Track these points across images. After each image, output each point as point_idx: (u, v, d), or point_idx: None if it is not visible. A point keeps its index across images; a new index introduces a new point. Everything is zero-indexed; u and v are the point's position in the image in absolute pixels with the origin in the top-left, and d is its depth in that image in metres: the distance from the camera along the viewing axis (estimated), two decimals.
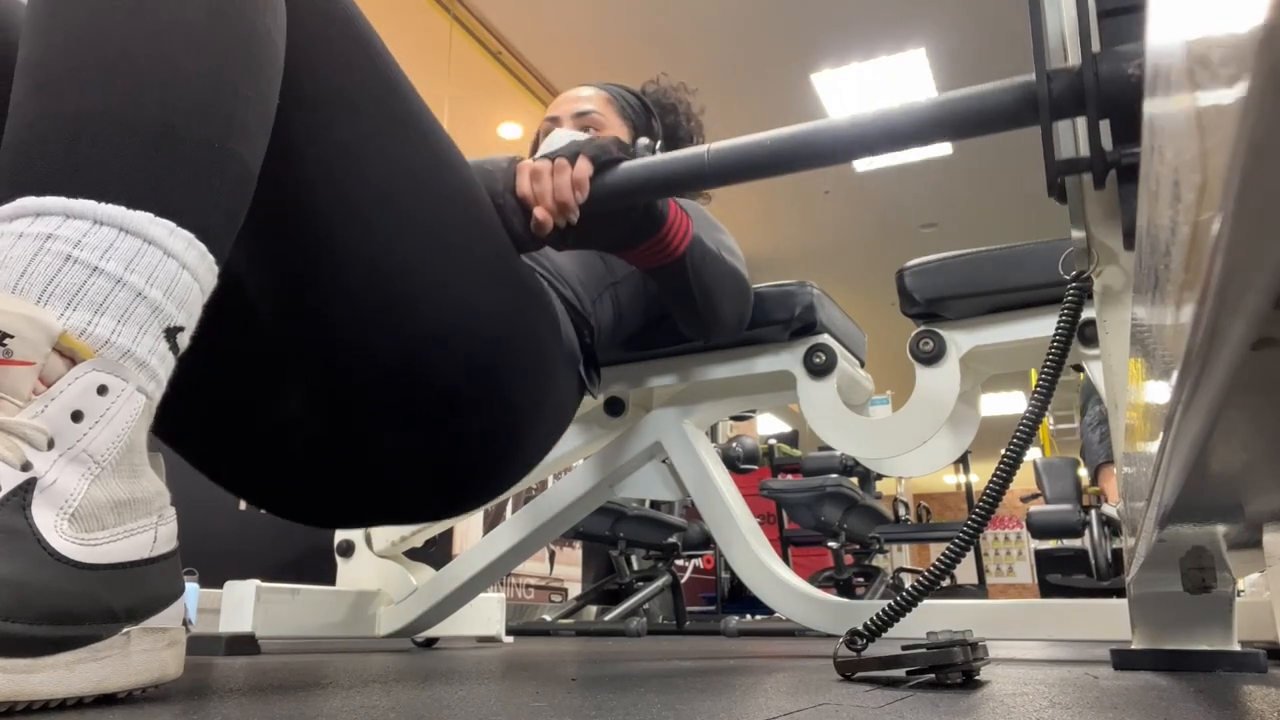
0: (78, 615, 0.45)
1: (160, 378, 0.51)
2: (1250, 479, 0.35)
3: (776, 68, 4.63)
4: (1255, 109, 0.14)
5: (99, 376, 0.47)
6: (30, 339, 0.45)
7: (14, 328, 0.44)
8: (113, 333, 0.48)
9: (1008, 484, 0.82)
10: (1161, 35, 0.28)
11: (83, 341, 0.47)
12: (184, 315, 0.52)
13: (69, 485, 0.46)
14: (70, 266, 0.47)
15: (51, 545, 0.45)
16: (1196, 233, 0.20)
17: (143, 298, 0.49)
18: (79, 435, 0.47)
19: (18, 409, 0.45)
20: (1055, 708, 0.50)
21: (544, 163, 0.90)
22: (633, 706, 0.48)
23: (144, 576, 0.50)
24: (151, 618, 0.50)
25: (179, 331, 0.52)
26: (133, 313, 0.48)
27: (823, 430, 1.38)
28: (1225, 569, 0.77)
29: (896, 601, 0.81)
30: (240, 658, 1.24)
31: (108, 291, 0.47)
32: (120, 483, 0.49)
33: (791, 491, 3.97)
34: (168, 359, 0.51)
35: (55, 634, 0.44)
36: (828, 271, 6.84)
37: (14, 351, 0.45)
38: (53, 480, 0.46)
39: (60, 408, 0.46)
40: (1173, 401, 0.27)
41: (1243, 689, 0.64)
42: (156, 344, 0.50)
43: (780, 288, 1.41)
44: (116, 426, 0.48)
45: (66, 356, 0.47)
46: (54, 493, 0.46)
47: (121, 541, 0.49)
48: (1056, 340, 0.85)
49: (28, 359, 0.45)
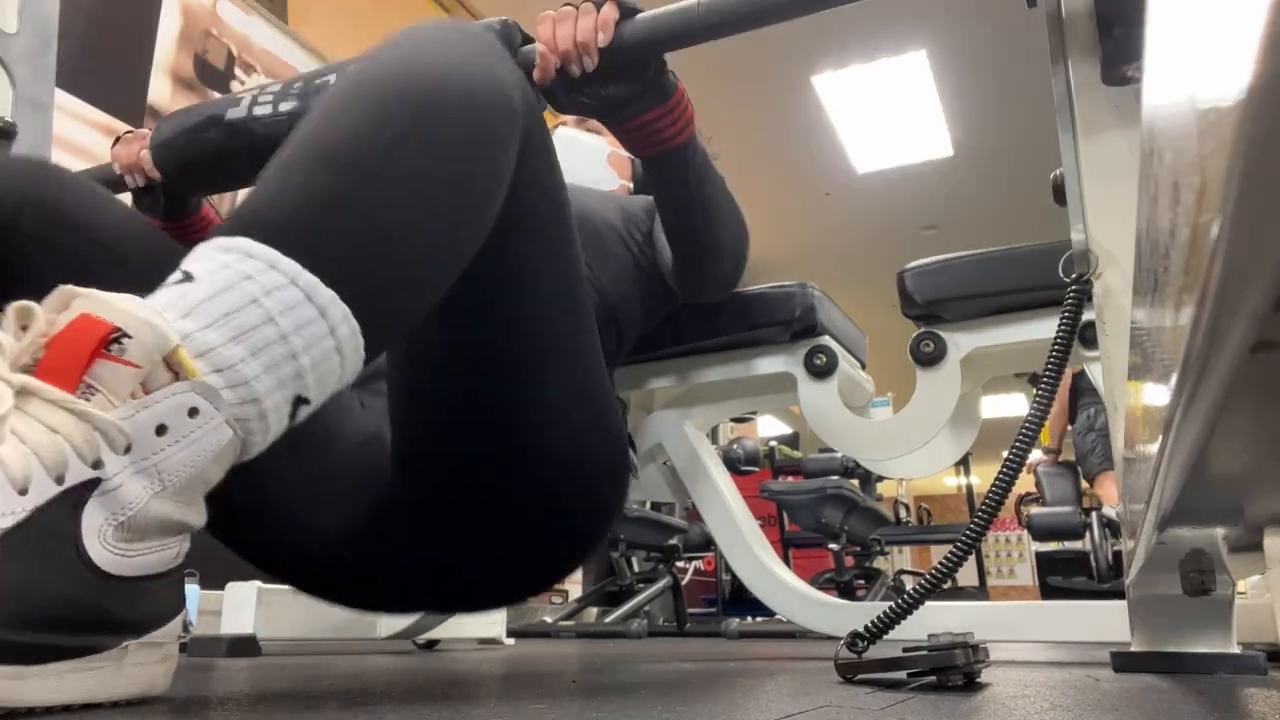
0: (83, 625, 0.45)
1: (269, 434, 0.52)
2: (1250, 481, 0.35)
3: (777, 70, 4.63)
4: (1255, 111, 0.14)
5: (193, 398, 0.48)
6: (145, 344, 0.46)
7: (134, 329, 0.46)
8: (254, 377, 0.49)
9: (1011, 486, 0.82)
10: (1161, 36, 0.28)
11: (213, 366, 0.48)
12: (316, 391, 0.53)
13: (130, 494, 0.47)
14: (251, 308, 0.49)
15: (87, 551, 0.45)
16: (1196, 235, 0.20)
17: (294, 359, 0.51)
18: (157, 449, 0.48)
19: (111, 407, 0.46)
20: (1056, 710, 0.50)
21: (567, 9, 0.89)
22: (634, 709, 0.48)
23: (155, 590, 0.50)
24: (152, 632, 0.50)
25: (304, 404, 0.53)
26: (280, 368, 0.50)
27: (823, 432, 1.38)
28: (1225, 571, 0.76)
29: (898, 604, 0.81)
30: (241, 659, 1.24)
31: (270, 341, 0.49)
32: (175, 505, 0.49)
33: (792, 493, 3.97)
34: (283, 423, 0.52)
35: (55, 642, 0.44)
36: (828, 273, 6.84)
37: (127, 351, 0.46)
38: (117, 485, 0.46)
39: (149, 417, 0.47)
40: (1172, 404, 0.27)
41: (1243, 691, 0.64)
42: (282, 404, 0.51)
43: (781, 289, 1.41)
44: (194, 451, 0.49)
45: (173, 371, 0.48)
46: (114, 498, 0.46)
47: (150, 555, 0.49)
48: (1058, 343, 0.85)
49: (136, 362, 0.46)
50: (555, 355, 0.83)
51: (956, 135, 5.30)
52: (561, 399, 0.84)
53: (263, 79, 3.05)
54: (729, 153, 5.56)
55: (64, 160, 2.13)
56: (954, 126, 5.20)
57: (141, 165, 1.00)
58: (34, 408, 0.45)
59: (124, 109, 2.53)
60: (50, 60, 1.48)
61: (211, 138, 0.91)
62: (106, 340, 0.46)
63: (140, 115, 2.59)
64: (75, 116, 2.37)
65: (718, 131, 5.47)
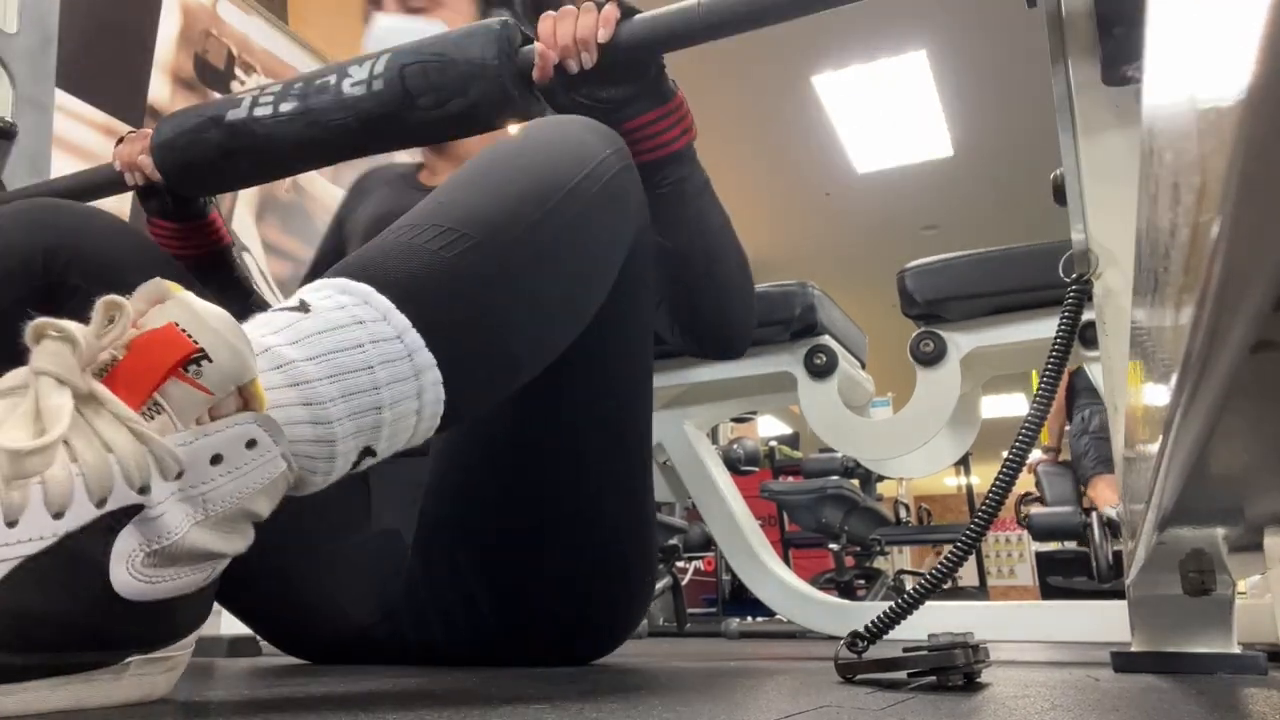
0: (93, 645, 0.44)
1: (331, 476, 0.51)
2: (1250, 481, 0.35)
3: (777, 70, 4.63)
4: (1255, 111, 0.14)
5: (254, 430, 0.46)
6: (224, 371, 0.45)
7: (216, 353, 0.44)
8: (338, 419, 0.49)
9: (1011, 487, 0.82)
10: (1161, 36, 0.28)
11: (304, 399, 0.48)
12: (386, 446, 0.53)
13: (171, 522, 0.45)
14: (355, 351, 0.49)
15: (111, 578, 0.44)
16: (1196, 235, 0.20)
17: (379, 412, 0.50)
18: (208, 478, 0.46)
19: (173, 430, 0.45)
20: (1056, 710, 0.50)
21: (569, 7, 0.89)
22: (634, 708, 0.48)
23: (175, 610, 0.48)
24: (162, 648, 0.48)
25: (371, 455, 0.52)
26: (364, 416, 0.50)
27: (823, 432, 1.38)
28: (1225, 571, 0.76)
29: (898, 604, 0.81)
30: (241, 659, 1.24)
31: (363, 388, 0.50)
32: (215, 535, 0.47)
33: (792, 493, 3.97)
34: (347, 468, 0.52)
35: (61, 662, 0.43)
36: (829, 273, 6.84)
37: (204, 375, 0.44)
38: (160, 514, 0.45)
39: (208, 446, 0.45)
40: (1172, 404, 0.27)
41: (1243, 691, 0.64)
42: (353, 451, 0.51)
43: (781, 288, 1.41)
44: (244, 482, 0.47)
45: (243, 399, 0.47)
46: (153, 525, 0.44)
47: (176, 581, 0.47)
48: (1058, 343, 0.85)
49: (210, 389, 0.45)
50: (605, 451, 0.87)
51: (956, 135, 5.30)
52: (604, 497, 0.88)
53: (263, 79, 3.05)
54: (729, 153, 5.56)
55: (64, 160, 2.13)
56: (954, 126, 5.20)
57: (143, 166, 1.00)
58: (97, 421, 0.43)
59: (124, 109, 2.53)
60: (50, 60, 1.48)
61: (212, 139, 0.91)
62: (186, 360, 0.44)
63: (140, 115, 2.59)
64: (75, 116, 2.37)
65: (718, 131, 5.46)
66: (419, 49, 0.84)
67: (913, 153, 5.49)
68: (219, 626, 1.42)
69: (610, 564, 0.90)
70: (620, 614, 0.95)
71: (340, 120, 0.85)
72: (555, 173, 0.62)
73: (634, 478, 0.92)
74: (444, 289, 0.54)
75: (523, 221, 0.58)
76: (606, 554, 0.89)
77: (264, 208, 3.01)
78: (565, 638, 0.91)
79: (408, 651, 0.91)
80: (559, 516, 0.86)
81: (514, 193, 0.59)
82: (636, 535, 0.92)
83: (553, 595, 0.88)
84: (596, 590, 0.90)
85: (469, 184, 0.60)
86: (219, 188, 1.06)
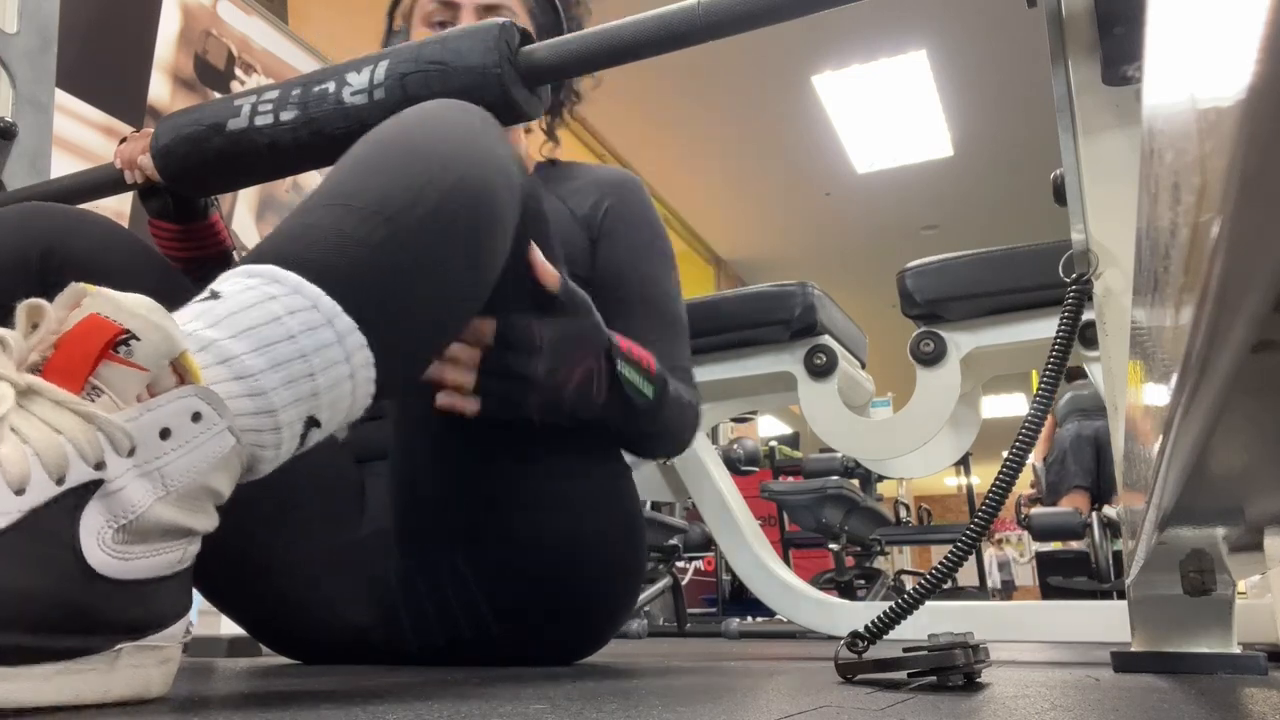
0: (73, 627, 0.45)
1: (281, 451, 0.52)
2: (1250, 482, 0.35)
3: (777, 70, 4.63)
4: (1255, 111, 0.14)
5: (197, 403, 0.48)
6: (153, 347, 0.46)
7: (142, 332, 0.46)
8: (273, 389, 0.50)
9: (1011, 487, 0.82)
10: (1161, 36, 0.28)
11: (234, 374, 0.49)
12: (328, 416, 0.54)
13: (133, 497, 0.46)
14: (274, 324, 0.51)
15: (84, 554, 0.45)
16: (1196, 235, 0.20)
17: (312, 379, 0.52)
18: (160, 452, 0.47)
19: (116, 409, 0.46)
20: (1056, 710, 0.50)
21: None
22: (634, 708, 0.48)
23: (156, 593, 0.49)
24: (150, 635, 0.49)
25: (316, 426, 0.54)
26: (298, 385, 0.51)
27: (824, 432, 1.38)
28: (1225, 571, 0.76)
29: (898, 603, 0.81)
30: (241, 659, 1.24)
31: (290, 357, 0.51)
32: (179, 510, 0.48)
33: (792, 493, 3.97)
34: (295, 441, 0.53)
35: (41, 644, 0.43)
36: (829, 273, 6.84)
37: (134, 353, 0.46)
38: (120, 488, 0.46)
39: (153, 420, 0.47)
40: (1172, 404, 0.27)
41: (1243, 691, 0.64)
42: (296, 421, 0.52)
43: (781, 288, 1.41)
44: (197, 456, 0.48)
45: (179, 375, 0.48)
46: (116, 500, 0.46)
47: (151, 559, 0.48)
48: (1058, 343, 0.85)
49: (143, 365, 0.46)
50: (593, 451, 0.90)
51: (956, 135, 5.30)
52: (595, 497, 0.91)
53: (263, 79, 3.05)
54: (729, 153, 5.57)
55: (64, 160, 2.13)
56: (954, 126, 5.20)
57: (144, 167, 1.00)
58: (38, 408, 0.45)
59: (124, 109, 2.53)
60: (50, 60, 1.48)
61: (213, 146, 0.91)
62: (115, 342, 0.45)
63: (140, 115, 2.59)
64: (75, 116, 2.38)
65: (718, 131, 5.47)
66: (418, 56, 0.84)
67: (913, 153, 5.49)
68: (218, 626, 1.42)
69: (602, 563, 0.91)
70: (613, 612, 0.96)
71: (342, 128, 0.86)
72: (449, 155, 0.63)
73: (620, 477, 0.94)
74: (347, 259, 0.55)
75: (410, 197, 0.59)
76: (599, 553, 0.90)
77: (264, 208, 3.01)
78: (560, 637, 0.92)
79: (407, 653, 0.91)
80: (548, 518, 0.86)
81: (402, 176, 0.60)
82: (628, 536, 0.93)
83: (549, 595, 0.88)
84: (590, 589, 0.90)
85: (356, 170, 0.62)
86: (220, 189, 1.06)
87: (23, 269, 0.85)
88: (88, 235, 0.90)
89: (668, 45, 0.85)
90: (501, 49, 0.83)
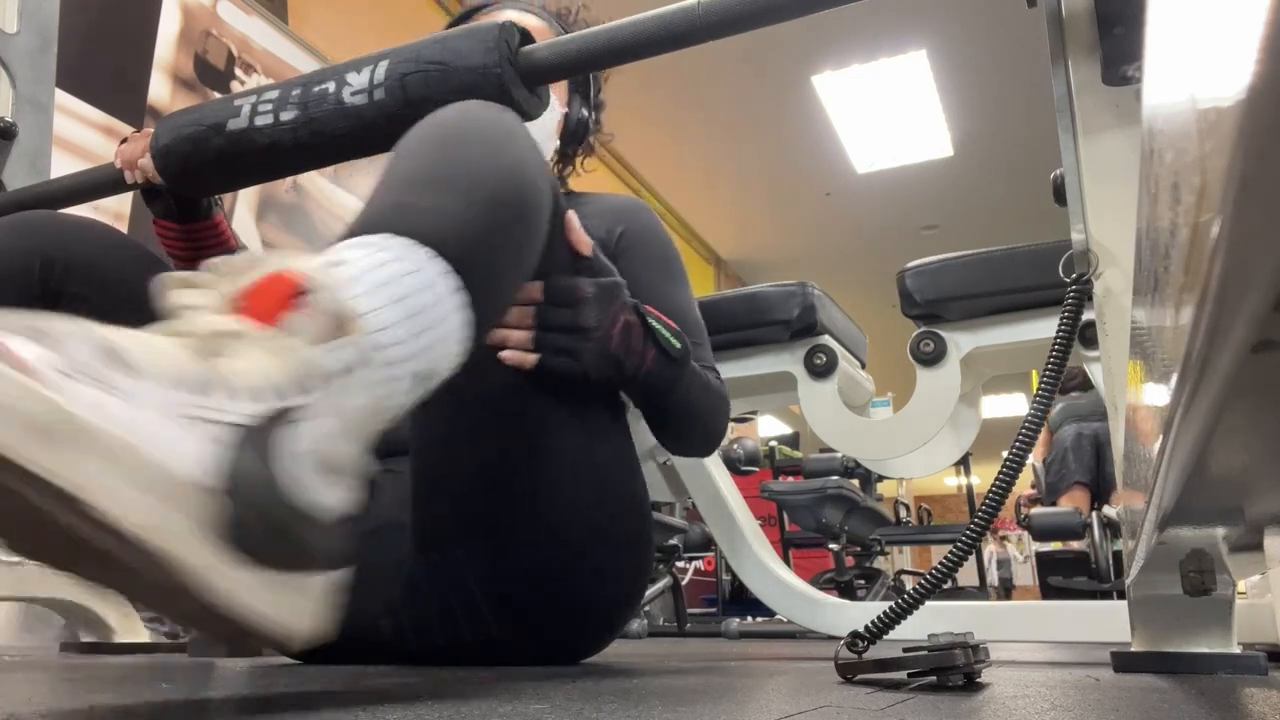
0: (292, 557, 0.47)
1: (406, 401, 0.56)
2: (1250, 482, 0.35)
3: (777, 70, 4.63)
4: (1255, 111, 0.14)
5: (361, 353, 0.52)
6: (327, 300, 0.50)
7: (317, 287, 0.50)
8: (401, 341, 0.54)
9: (1011, 487, 0.82)
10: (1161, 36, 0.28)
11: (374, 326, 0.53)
12: (441, 369, 0.59)
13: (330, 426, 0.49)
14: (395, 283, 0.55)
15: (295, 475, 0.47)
16: (1196, 235, 0.20)
17: (431, 332, 0.56)
18: (337, 392, 0.50)
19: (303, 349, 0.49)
20: (1056, 710, 0.50)
21: None
22: (634, 708, 0.48)
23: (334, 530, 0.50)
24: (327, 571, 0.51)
25: (427, 381, 0.58)
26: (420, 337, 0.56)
27: (824, 432, 1.38)
28: (1225, 571, 0.76)
29: (898, 603, 0.81)
30: (241, 660, 1.24)
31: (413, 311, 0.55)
32: (353, 446, 0.51)
33: (792, 493, 3.97)
34: (415, 394, 0.56)
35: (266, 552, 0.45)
36: (829, 272, 6.84)
37: (312, 305, 0.50)
38: (318, 415, 0.49)
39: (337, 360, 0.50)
40: (1172, 404, 0.27)
41: (1243, 691, 0.64)
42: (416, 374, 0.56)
43: (781, 288, 1.41)
44: (362, 400, 0.52)
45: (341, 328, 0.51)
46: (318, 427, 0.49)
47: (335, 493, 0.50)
48: (1058, 343, 0.85)
49: (321, 313, 0.50)
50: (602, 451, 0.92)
51: (956, 135, 5.30)
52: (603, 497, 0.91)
53: (263, 79, 3.05)
54: (729, 153, 5.57)
55: (64, 160, 2.12)
56: (954, 126, 5.21)
57: (145, 168, 1.00)
58: (244, 346, 0.47)
59: (124, 109, 2.53)
60: (50, 60, 1.48)
61: (213, 146, 0.91)
62: (298, 293, 0.49)
63: (140, 115, 2.59)
64: (75, 116, 2.38)
65: (718, 131, 5.47)
66: (418, 56, 0.84)
67: (913, 153, 5.49)
68: None
69: (612, 563, 0.91)
70: (617, 612, 0.96)
71: (343, 128, 0.86)
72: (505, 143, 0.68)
73: (633, 475, 0.94)
74: (452, 232, 0.60)
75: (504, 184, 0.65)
76: (605, 553, 0.90)
77: (264, 208, 3.01)
78: (563, 637, 0.92)
79: (408, 652, 0.91)
80: (557, 516, 0.86)
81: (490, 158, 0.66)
82: (634, 535, 0.93)
83: (552, 596, 0.88)
84: (596, 589, 0.90)
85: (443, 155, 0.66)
86: (220, 189, 1.06)
87: (25, 278, 0.88)
88: (87, 243, 0.92)
89: (668, 45, 0.85)
90: (502, 49, 0.83)
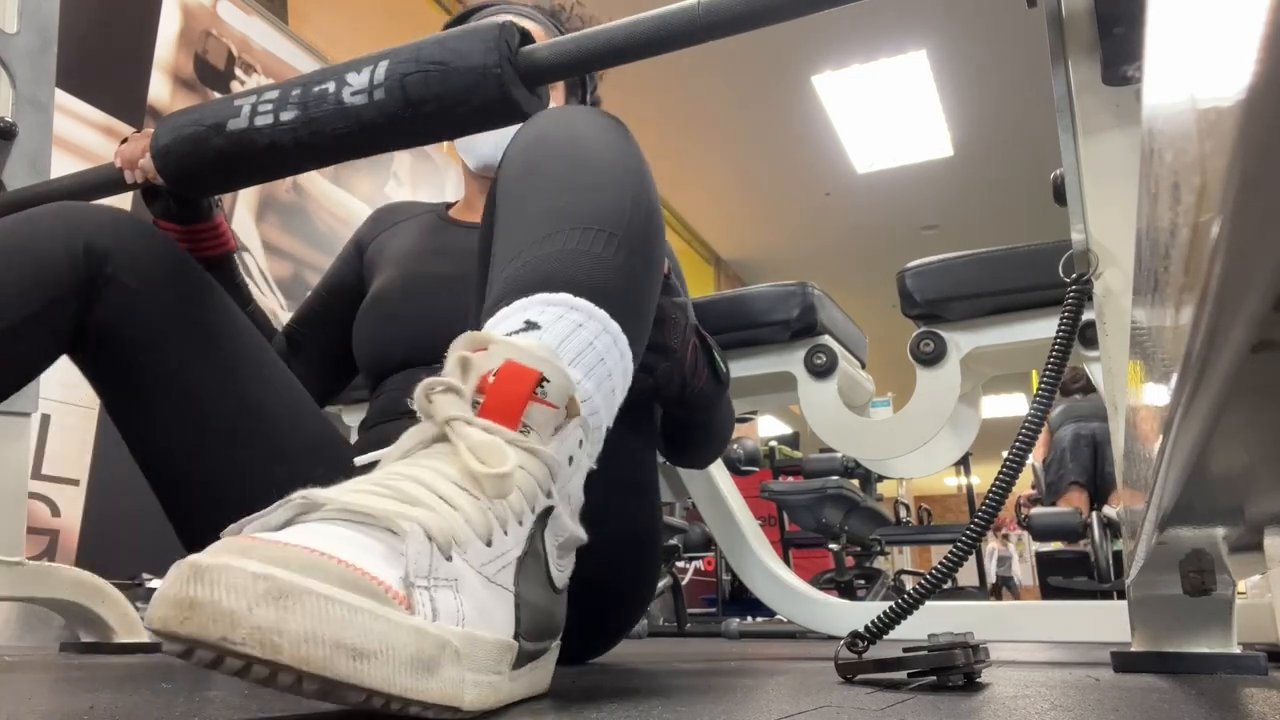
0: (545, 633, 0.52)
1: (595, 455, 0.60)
2: (1250, 482, 0.35)
3: (777, 70, 4.63)
4: (1255, 111, 0.14)
5: (581, 431, 0.55)
6: (560, 388, 0.52)
7: (552, 375, 0.52)
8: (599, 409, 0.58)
9: (1011, 487, 0.82)
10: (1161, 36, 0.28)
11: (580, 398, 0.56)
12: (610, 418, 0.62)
13: (564, 517, 0.54)
14: (589, 351, 0.58)
15: (550, 569, 0.53)
16: (1196, 235, 0.20)
17: (615, 394, 0.61)
18: (568, 477, 0.54)
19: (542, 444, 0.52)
20: (1056, 710, 0.50)
21: None
22: (634, 708, 0.48)
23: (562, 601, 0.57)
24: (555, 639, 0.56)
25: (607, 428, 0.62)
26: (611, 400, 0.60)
27: (824, 432, 1.38)
28: (1225, 571, 0.76)
29: (898, 603, 0.81)
30: None
31: (603, 377, 0.59)
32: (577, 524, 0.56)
33: (792, 493, 3.97)
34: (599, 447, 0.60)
35: (536, 648, 0.51)
36: (829, 272, 6.85)
37: (549, 394, 0.52)
38: (559, 512, 0.53)
39: (564, 451, 0.53)
40: (1172, 404, 0.27)
41: (1243, 691, 0.64)
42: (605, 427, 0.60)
43: (781, 288, 1.41)
44: (580, 478, 0.56)
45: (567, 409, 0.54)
46: (557, 521, 0.53)
47: (565, 572, 0.56)
48: (1058, 343, 0.85)
49: (555, 404, 0.52)
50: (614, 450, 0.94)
51: (956, 135, 5.30)
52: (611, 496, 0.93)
53: (263, 79, 3.05)
54: (729, 153, 5.57)
55: (64, 160, 2.13)
56: (954, 126, 5.21)
57: (145, 169, 1.00)
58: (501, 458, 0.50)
59: (124, 109, 2.53)
60: (50, 60, 1.48)
61: (212, 146, 0.91)
62: (535, 385, 0.51)
63: (140, 115, 2.59)
64: (75, 116, 2.38)
65: (718, 131, 5.47)
66: (418, 56, 0.84)
67: (913, 153, 5.49)
68: None
69: (621, 567, 0.91)
70: (625, 615, 0.96)
71: (343, 128, 0.86)
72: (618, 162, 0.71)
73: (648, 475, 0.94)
74: (609, 278, 0.62)
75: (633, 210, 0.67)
76: (615, 556, 0.89)
77: (264, 208, 3.01)
78: (581, 639, 0.92)
79: None
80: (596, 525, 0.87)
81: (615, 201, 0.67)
82: (653, 539, 0.93)
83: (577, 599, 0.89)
84: (617, 594, 0.91)
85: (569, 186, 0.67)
86: (220, 189, 1.06)
87: (69, 261, 0.90)
88: (121, 234, 0.94)
89: (667, 45, 0.85)
90: (501, 49, 0.83)
